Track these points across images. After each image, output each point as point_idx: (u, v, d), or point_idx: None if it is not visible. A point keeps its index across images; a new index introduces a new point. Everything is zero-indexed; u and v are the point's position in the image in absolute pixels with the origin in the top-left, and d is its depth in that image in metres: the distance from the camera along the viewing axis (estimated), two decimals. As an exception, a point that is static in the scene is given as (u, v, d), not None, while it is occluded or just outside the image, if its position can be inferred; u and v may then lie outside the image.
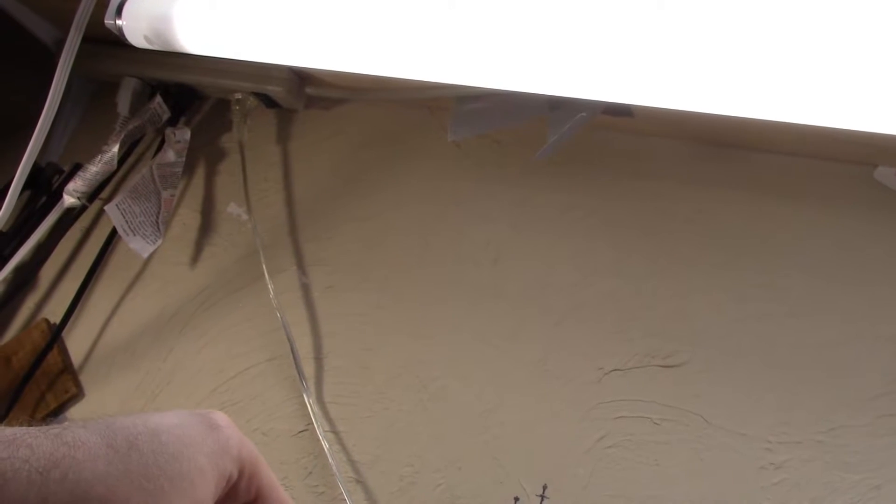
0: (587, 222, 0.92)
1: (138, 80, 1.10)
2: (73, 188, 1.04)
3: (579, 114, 0.83)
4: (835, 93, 0.55)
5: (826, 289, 0.82)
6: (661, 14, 0.58)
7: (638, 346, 0.85)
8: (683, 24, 0.57)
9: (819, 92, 0.55)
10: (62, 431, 0.37)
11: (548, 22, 0.61)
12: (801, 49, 0.54)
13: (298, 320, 0.99)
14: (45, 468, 0.35)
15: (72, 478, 0.35)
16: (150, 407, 1.02)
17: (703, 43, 0.57)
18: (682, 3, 0.57)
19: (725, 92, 0.58)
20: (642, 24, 0.58)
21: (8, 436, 0.36)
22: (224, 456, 0.43)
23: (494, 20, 0.63)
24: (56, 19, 1.15)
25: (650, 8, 0.58)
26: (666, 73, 0.59)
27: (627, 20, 0.59)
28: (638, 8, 0.59)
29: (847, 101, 0.55)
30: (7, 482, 0.34)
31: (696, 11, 0.57)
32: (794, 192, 0.86)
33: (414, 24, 0.67)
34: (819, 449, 0.77)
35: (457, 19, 0.65)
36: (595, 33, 0.60)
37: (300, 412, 0.94)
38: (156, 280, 1.09)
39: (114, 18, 0.81)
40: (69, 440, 0.37)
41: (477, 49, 0.65)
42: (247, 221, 1.06)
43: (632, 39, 0.59)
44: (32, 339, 1.09)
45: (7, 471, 0.34)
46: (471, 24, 0.64)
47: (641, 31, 0.58)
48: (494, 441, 0.87)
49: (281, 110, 1.11)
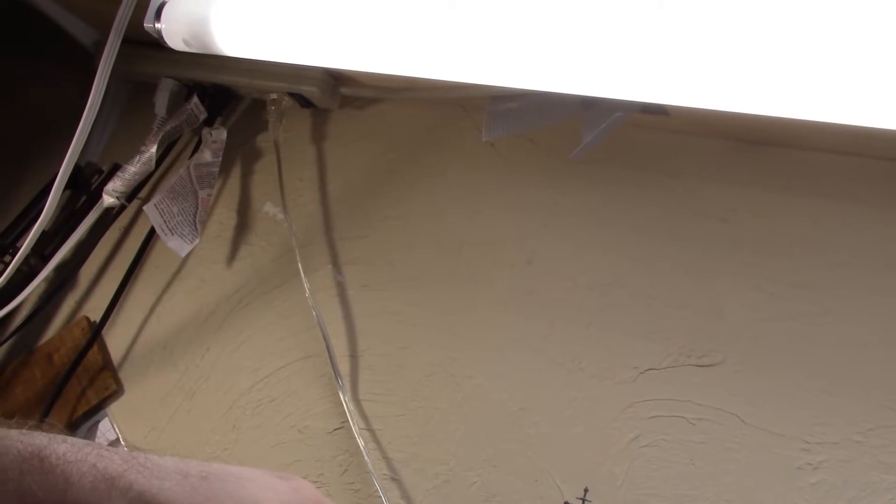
0: (621, 222, 0.92)
1: (175, 80, 1.12)
2: (113, 188, 1.05)
3: (615, 113, 0.83)
4: (871, 90, 0.54)
5: (862, 288, 0.81)
6: (689, 13, 0.58)
7: (673, 345, 0.85)
8: (718, 23, 0.57)
9: (855, 90, 0.55)
10: (138, 453, 0.38)
11: (581, 22, 0.61)
12: (839, 48, 0.54)
13: (334, 319, 1.00)
14: (111, 476, 0.36)
15: (136, 489, 0.36)
16: (188, 404, 1.04)
17: (740, 42, 0.57)
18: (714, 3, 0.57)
19: (761, 91, 0.58)
20: (674, 23, 0.58)
21: (80, 443, 0.36)
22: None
23: (527, 21, 0.63)
24: (95, 21, 1.16)
25: (680, 7, 0.58)
26: (701, 72, 0.59)
27: (659, 20, 0.59)
28: (670, 7, 0.59)
29: (884, 99, 0.54)
30: (71, 486, 0.35)
31: (733, 11, 0.57)
32: (829, 191, 0.85)
33: (446, 26, 0.67)
34: (857, 449, 0.77)
35: (489, 20, 0.65)
36: (629, 32, 0.60)
37: (336, 410, 0.95)
38: (193, 279, 1.10)
39: (153, 22, 0.82)
40: (142, 460, 0.37)
41: (509, 49, 0.65)
42: (282, 220, 1.07)
43: (666, 39, 0.59)
44: (73, 336, 1.11)
45: (73, 474, 0.35)
46: (504, 26, 0.64)
47: (676, 29, 0.58)
48: (529, 440, 0.87)
49: (315, 110, 1.12)
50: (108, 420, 1.07)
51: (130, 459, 0.37)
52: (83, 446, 0.37)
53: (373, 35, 0.71)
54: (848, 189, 0.85)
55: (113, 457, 0.37)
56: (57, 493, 0.35)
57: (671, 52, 0.59)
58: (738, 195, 0.88)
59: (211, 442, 1.01)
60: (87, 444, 0.37)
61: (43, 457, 0.36)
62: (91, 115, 0.88)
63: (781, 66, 0.56)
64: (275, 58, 0.80)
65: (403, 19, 0.69)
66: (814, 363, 0.80)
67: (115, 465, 0.36)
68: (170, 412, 1.04)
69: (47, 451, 0.36)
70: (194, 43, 0.82)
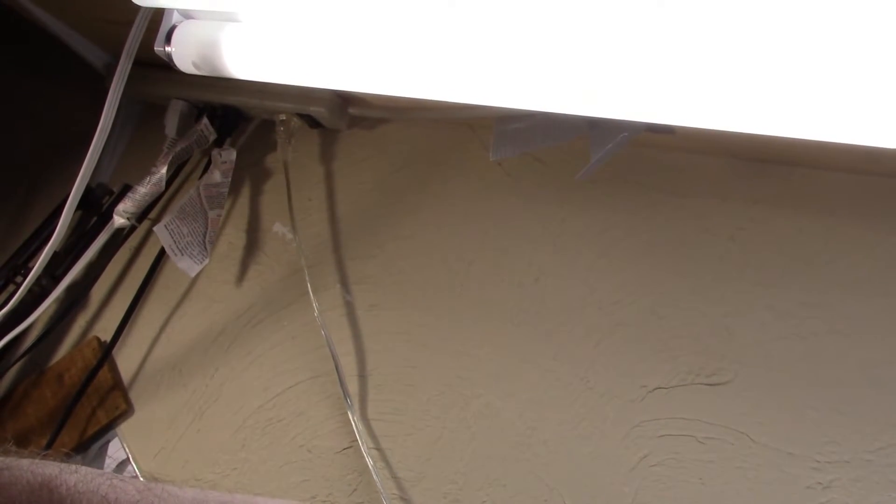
0: (629, 240, 0.92)
1: (185, 102, 1.13)
2: (123, 209, 1.06)
3: (621, 133, 0.83)
4: (881, 109, 0.54)
5: (872, 306, 0.81)
6: (697, 33, 0.58)
7: (681, 364, 0.85)
8: (725, 43, 0.57)
9: (865, 109, 0.55)
10: (154, 484, 0.37)
11: (588, 43, 0.62)
12: (848, 67, 0.54)
13: (342, 338, 1.00)
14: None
15: None
16: (197, 424, 1.04)
17: (748, 63, 0.57)
18: (721, 24, 0.57)
19: (768, 112, 0.58)
20: (682, 42, 0.59)
21: (93, 473, 0.36)
22: None
23: (535, 44, 0.64)
24: (105, 44, 1.18)
25: (681, 25, 0.58)
26: (708, 92, 0.59)
27: (666, 39, 0.59)
28: (678, 27, 0.59)
29: (894, 118, 0.54)
30: None
31: (742, 31, 0.57)
32: (838, 209, 0.85)
33: (454, 48, 0.68)
34: (867, 468, 0.76)
35: (496, 43, 0.65)
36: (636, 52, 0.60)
37: (344, 429, 0.95)
38: (203, 299, 1.11)
39: (163, 45, 0.83)
40: (158, 491, 0.37)
41: (515, 71, 0.65)
42: (292, 240, 1.08)
43: (674, 58, 0.59)
44: (84, 356, 1.12)
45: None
46: (510, 48, 0.65)
47: (683, 49, 0.59)
48: (537, 459, 0.87)
49: (324, 130, 1.12)
50: (118, 440, 1.07)
51: (145, 490, 0.37)
52: (95, 476, 0.36)
53: (381, 57, 0.72)
54: (857, 208, 0.85)
55: (127, 487, 0.36)
56: None
57: (679, 72, 0.59)
58: (747, 214, 0.88)
59: (220, 462, 1.01)
60: (100, 475, 0.36)
61: (52, 487, 0.35)
62: (102, 137, 0.89)
63: (790, 86, 0.56)
64: (283, 80, 0.80)
65: (411, 41, 0.70)
66: (823, 382, 0.80)
67: (129, 496, 0.36)
68: (179, 432, 1.05)
69: (57, 481, 0.35)
70: (204, 66, 0.82)
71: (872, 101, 0.54)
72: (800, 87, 0.56)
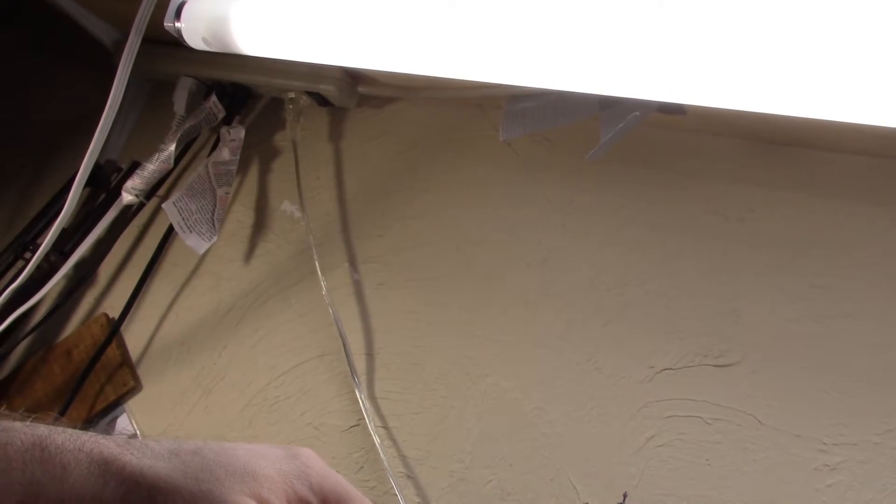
0: (637, 221, 0.92)
1: (194, 79, 1.13)
2: (132, 186, 1.06)
3: (632, 113, 0.83)
4: (890, 91, 0.54)
5: (882, 289, 0.81)
6: (710, 11, 0.58)
7: (689, 345, 0.85)
8: (739, 21, 0.57)
9: (877, 90, 0.54)
10: (134, 440, 0.40)
11: (598, 21, 0.61)
12: (860, 46, 0.54)
13: (350, 317, 1.00)
14: (105, 462, 0.38)
15: (129, 471, 0.39)
16: (205, 401, 1.04)
17: (761, 40, 0.56)
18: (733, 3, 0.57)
19: (780, 91, 0.58)
20: (694, 21, 0.58)
21: (79, 433, 0.39)
22: (299, 479, 0.44)
23: (544, 20, 0.63)
24: (115, 21, 1.17)
25: (700, 4, 0.58)
26: (720, 72, 0.59)
27: (678, 17, 0.59)
28: (690, 5, 0.59)
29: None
30: (68, 474, 0.38)
31: (755, 8, 0.57)
32: (849, 191, 0.85)
33: (464, 26, 0.67)
34: (875, 451, 0.76)
35: (506, 20, 0.65)
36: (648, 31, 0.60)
37: (352, 407, 0.96)
38: (211, 276, 1.11)
39: (173, 21, 0.82)
40: (137, 445, 0.40)
41: (525, 49, 0.65)
42: (300, 219, 1.08)
43: (686, 37, 0.59)
44: (92, 332, 1.12)
45: (70, 462, 0.38)
46: (520, 25, 0.64)
47: (696, 27, 0.58)
48: (544, 439, 0.87)
49: (333, 109, 1.12)
50: (126, 416, 1.08)
51: (125, 444, 0.40)
52: (81, 435, 0.39)
53: (391, 34, 0.71)
54: (868, 190, 0.85)
55: (108, 443, 0.39)
56: (56, 480, 0.37)
57: (690, 51, 0.59)
58: (757, 195, 0.88)
59: (227, 438, 1.01)
60: (85, 434, 0.39)
61: (44, 446, 0.38)
62: (111, 114, 0.89)
63: (803, 65, 0.56)
64: (293, 57, 0.80)
65: (421, 19, 0.69)
66: (832, 364, 0.80)
67: (110, 450, 0.39)
68: (187, 408, 1.05)
69: (48, 440, 0.38)
70: (214, 42, 0.82)
71: (884, 80, 0.54)
72: (812, 66, 0.55)
